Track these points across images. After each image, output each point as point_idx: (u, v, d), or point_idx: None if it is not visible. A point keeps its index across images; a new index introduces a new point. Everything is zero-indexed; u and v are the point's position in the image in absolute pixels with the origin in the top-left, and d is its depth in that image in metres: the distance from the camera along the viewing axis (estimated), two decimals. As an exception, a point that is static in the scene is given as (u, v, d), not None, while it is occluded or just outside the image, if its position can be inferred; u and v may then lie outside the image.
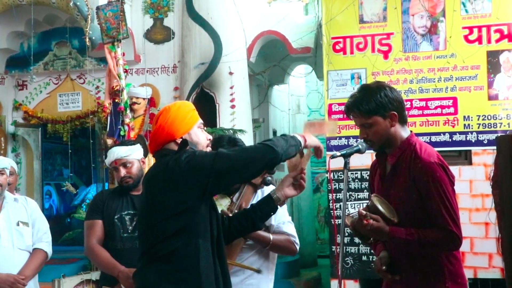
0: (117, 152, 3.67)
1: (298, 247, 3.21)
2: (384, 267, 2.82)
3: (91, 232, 3.57)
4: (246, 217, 2.71)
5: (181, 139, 2.56)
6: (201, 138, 2.63)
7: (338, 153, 2.70)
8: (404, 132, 2.81)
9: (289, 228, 3.19)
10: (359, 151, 2.76)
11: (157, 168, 2.56)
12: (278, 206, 2.69)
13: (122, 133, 5.29)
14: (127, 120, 5.36)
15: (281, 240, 3.12)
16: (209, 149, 2.64)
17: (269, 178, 3.06)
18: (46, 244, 3.96)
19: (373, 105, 2.73)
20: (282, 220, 3.16)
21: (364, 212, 2.62)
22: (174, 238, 2.44)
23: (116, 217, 3.57)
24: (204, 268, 2.43)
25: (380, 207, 2.67)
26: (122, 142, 4.09)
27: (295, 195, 2.71)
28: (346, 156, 2.72)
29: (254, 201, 3.06)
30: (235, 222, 2.73)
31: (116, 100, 5.38)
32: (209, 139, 2.68)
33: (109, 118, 5.39)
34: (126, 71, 5.50)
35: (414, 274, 2.74)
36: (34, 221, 3.99)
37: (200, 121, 2.67)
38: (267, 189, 3.12)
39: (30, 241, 3.92)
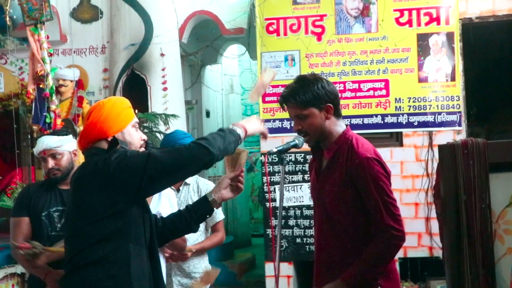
0: (46, 142, 3.47)
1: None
2: None
3: (16, 230, 3.39)
4: (181, 219, 2.62)
5: (112, 138, 2.44)
6: (135, 138, 2.52)
7: (275, 149, 2.67)
8: (339, 127, 2.80)
9: None
10: (295, 146, 2.73)
11: (85, 168, 2.43)
12: (214, 208, 2.62)
13: (48, 120, 5.04)
14: (53, 107, 5.10)
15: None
16: (142, 149, 2.53)
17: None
18: None
19: (310, 96, 2.71)
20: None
21: None
22: (103, 243, 2.33)
23: (43, 214, 3.39)
24: (135, 274, 2.34)
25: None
26: (54, 131, 3.87)
27: (232, 198, 2.65)
28: (283, 152, 2.67)
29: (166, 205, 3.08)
30: (169, 225, 2.64)
31: (41, 86, 5.11)
32: (144, 139, 2.57)
33: (33, 104, 5.13)
34: (51, 54, 5.23)
35: (345, 268, 2.69)
36: None
37: (135, 120, 2.56)
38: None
39: None
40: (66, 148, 3.48)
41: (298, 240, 6.38)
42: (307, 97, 2.71)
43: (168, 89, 7.04)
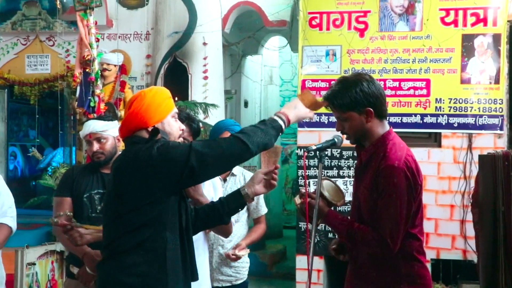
0: (93, 126, 3.58)
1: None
2: (334, 246, 2.91)
3: (59, 210, 3.51)
4: (214, 210, 2.67)
5: (153, 128, 2.48)
6: (174, 128, 2.57)
7: (314, 147, 2.69)
8: (381, 128, 2.76)
9: None
10: (334, 145, 2.75)
11: (126, 156, 2.49)
12: (247, 203, 2.66)
13: (92, 104, 5.15)
14: (97, 91, 5.21)
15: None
16: (181, 139, 2.58)
17: None
18: (10, 219, 3.86)
19: (347, 101, 2.70)
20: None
21: (302, 191, 2.68)
22: (141, 230, 2.39)
23: (85, 195, 3.50)
24: (170, 262, 2.40)
25: (324, 191, 2.71)
26: (100, 116, 3.97)
27: (264, 193, 2.68)
28: (321, 150, 2.69)
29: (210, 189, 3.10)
30: (202, 214, 2.68)
31: (87, 70, 5.23)
32: (182, 130, 2.62)
33: (78, 88, 5.25)
34: (98, 40, 5.34)
35: (372, 270, 2.75)
36: None
37: (175, 110, 2.61)
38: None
39: None
40: (110, 133, 3.58)
41: (330, 235, 6.39)
42: (345, 101, 2.71)
43: (209, 78, 7.10)
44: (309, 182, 6.30)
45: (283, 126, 2.48)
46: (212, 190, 3.30)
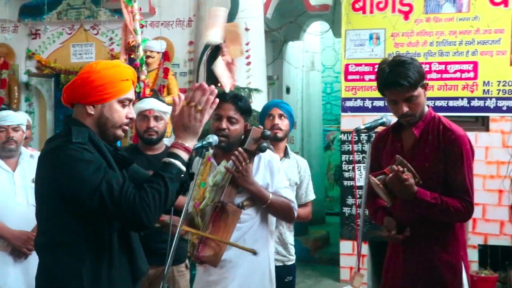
0: (154, 103, 3.62)
1: (296, 214, 3.11)
2: (393, 232, 2.88)
3: None
4: None
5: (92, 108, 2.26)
6: (116, 114, 2.29)
7: (362, 126, 2.68)
8: (425, 105, 2.84)
9: (288, 193, 3.10)
10: (383, 124, 2.74)
11: (49, 148, 2.27)
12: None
13: (137, 89, 5.22)
14: (142, 77, 5.28)
15: (280, 202, 3.00)
16: (126, 127, 2.34)
17: (264, 144, 2.94)
18: None
19: (417, 76, 2.72)
20: (280, 186, 3.06)
21: (400, 168, 2.61)
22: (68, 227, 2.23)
23: None
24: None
25: (410, 166, 2.68)
26: (158, 98, 3.97)
27: None
28: (370, 130, 2.67)
29: (254, 170, 2.99)
30: None
31: (132, 56, 5.31)
32: (130, 118, 2.34)
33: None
34: (142, 26, 5.40)
35: (431, 243, 2.79)
36: None
37: (127, 96, 2.31)
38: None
39: None
40: (166, 117, 3.61)
41: (374, 220, 6.34)
42: (416, 77, 2.72)
43: (251, 63, 7.09)
44: (352, 167, 6.26)
45: (186, 159, 2.20)
46: (269, 175, 3.09)
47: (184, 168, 2.18)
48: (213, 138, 2.77)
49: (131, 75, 2.33)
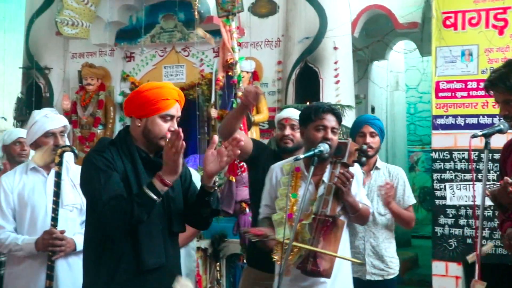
0: (291, 112, 3.72)
1: (371, 218, 3.31)
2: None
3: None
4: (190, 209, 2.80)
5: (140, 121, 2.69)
6: (157, 128, 2.65)
7: (479, 133, 2.64)
8: None
9: (367, 200, 3.29)
10: (500, 131, 2.69)
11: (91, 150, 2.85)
12: (208, 189, 2.65)
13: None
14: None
15: (364, 209, 3.15)
16: (164, 140, 2.60)
17: (364, 159, 3.03)
18: None
19: None
20: (362, 195, 3.24)
21: (509, 179, 2.56)
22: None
23: None
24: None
25: None
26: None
27: (219, 170, 2.61)
28: (487, 136, 2.64)
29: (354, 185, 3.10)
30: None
31: (229, 73, 5.47)
32: (172, 131, 2.58)
33: (222, 91, 5.49)
34: (239, 44, 5.57)
35: None
36: None
37: (168, 113, 2.66)
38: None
39: None
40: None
41: (469, 240, 6.17)
42: None
43: (340, 82, 7.14)
44: (444, 186, 6.15)
45: (161, 191, 2.52)
46: (356, 186, 3.19)
47: (155, 198, 2.48)
48: (324, 147, 2.84)
49: (173, 95, 2.68)
